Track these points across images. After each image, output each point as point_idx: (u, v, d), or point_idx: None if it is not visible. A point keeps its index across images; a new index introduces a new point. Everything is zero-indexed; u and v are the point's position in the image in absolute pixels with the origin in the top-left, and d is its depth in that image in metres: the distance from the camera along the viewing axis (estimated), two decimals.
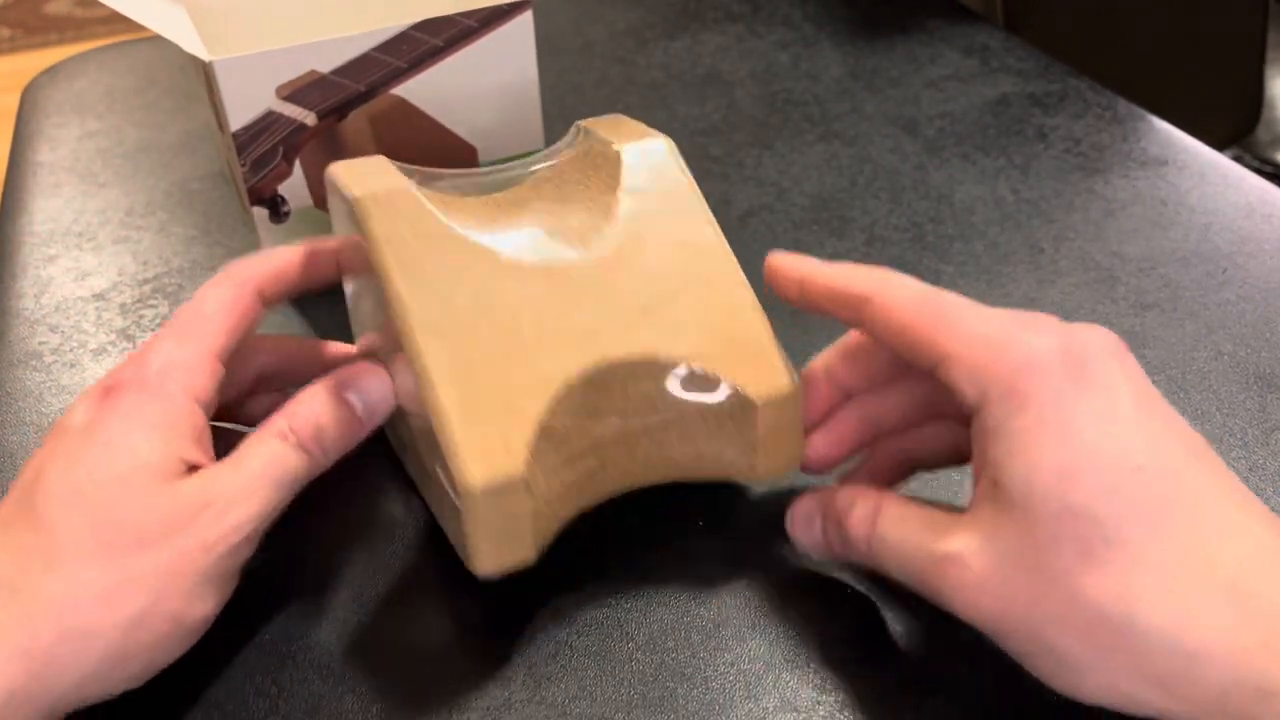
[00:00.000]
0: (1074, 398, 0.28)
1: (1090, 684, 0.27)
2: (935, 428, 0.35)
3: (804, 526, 0.34)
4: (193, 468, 0.32)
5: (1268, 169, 0.95)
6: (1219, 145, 0.59)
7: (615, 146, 0.37)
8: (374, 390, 0.34)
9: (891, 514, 0.31)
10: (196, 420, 0.32)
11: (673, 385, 0.34)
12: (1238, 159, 0.92)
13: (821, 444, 0.35)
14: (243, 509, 0.31)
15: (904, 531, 0.31)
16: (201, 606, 0.31)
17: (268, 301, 0.36)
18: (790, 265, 0.34)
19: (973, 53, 0.66)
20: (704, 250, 0.36)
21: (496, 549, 0.31)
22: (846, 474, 0.36)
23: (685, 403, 0.34)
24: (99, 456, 0.30)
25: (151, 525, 0.30)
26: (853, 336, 0.35)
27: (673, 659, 0.33)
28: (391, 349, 0.34)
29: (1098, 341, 0.29)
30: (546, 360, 0.33)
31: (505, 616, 0.34)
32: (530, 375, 0.32)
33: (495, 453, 0.31)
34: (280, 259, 0.36)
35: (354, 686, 0.33)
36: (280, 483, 0.32)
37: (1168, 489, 0.27)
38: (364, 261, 0.34)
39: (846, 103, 0.62)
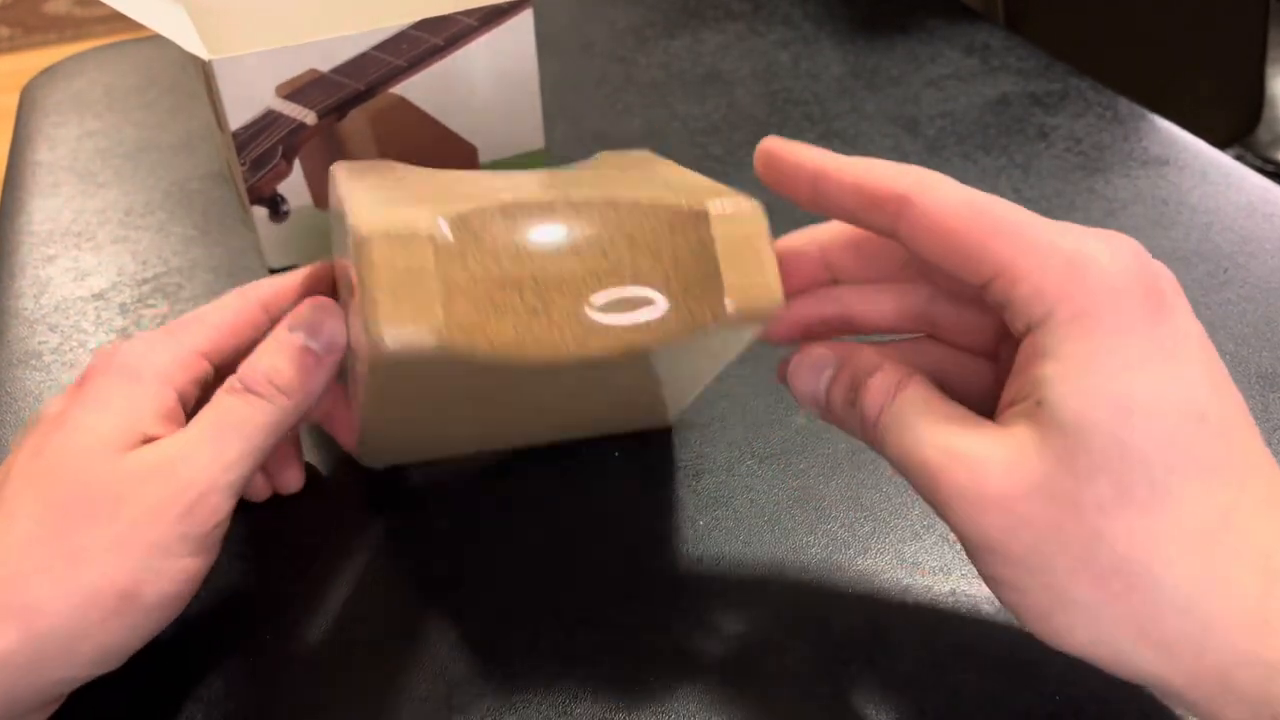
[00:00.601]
0: (1147, 331, 0.25)
1: (1083, 634, 0.25)
2: (916, 347, 0.32)
3: (809, 374, 0.31)
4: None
5: (1269, 168, 0.95)
6: (1220, 144, 0.58)
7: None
8: (322, 324, 0.32)
9: (917, 393, 0.28)
10: (165, 399, 0.31)
11: (617, 214, 0.30)
12: (1239, 158, 0.92)
13: (785, 317, 0.32)
14: (191, 466, 0.29)
15: (925, 416, 0.28)
16: (157, 582, 0.29)
17: (272, 316, 0.35)
18: (799, 153, 0.29)
19: (973, 52, 0.66)
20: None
21: (395, 305, 0.27)
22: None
23: (633, 219, 0.30)
24: (60, 439, 0.30)
25: (100, 497, 0.29)
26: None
27: (673, 659, 0.33)
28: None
29: (1169, 276, 0.27)
30: (482, 188, 0.30)
31: (505, 617, 0.34)
32: (458, 191, 0.30)
33: (398, 216, 0.28)
34: (283, 280, 0.36)
35: (354, 688, 0.33)
36: (234, 434, 0.30)
37: (1224, 446, 0.25)
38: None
39: (847, 102, 0.62)
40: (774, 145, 0.30)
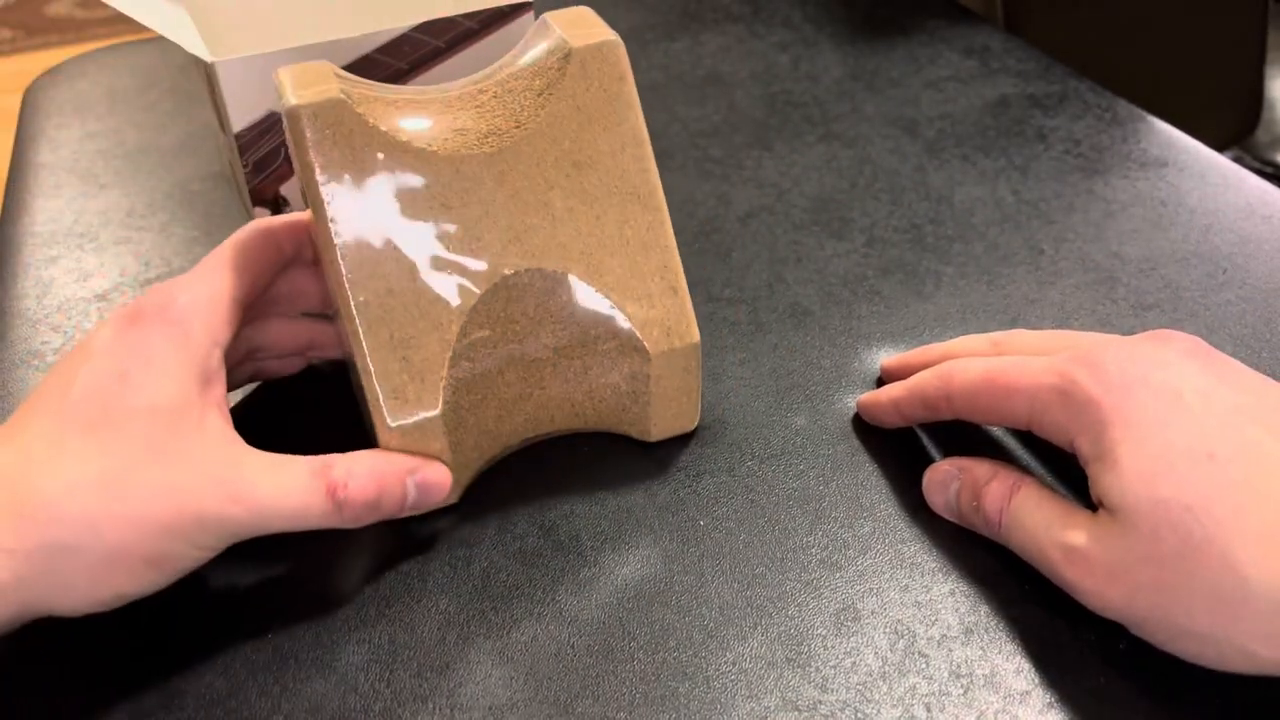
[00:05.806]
0: (1140, 408, 0.31)
1: (1217, 652, 0.29)
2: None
3: (939, 489, 0.37)
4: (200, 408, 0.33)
5: (1268, 170, 0.95)
6: (1219, 146, 0.59)
7: (569, 44, 0.37)
8: (433, 478, 0.35)
9: (1028, 496, 0.34)
10: (213, 360, 0.34)
11: (571, 302, 0.36)
12: (1238, 160, 0.92)
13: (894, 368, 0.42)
14: (261, 515, 0.32)
15: (1037, 516, 0.33)
16: (188, 554, 0.31)
17: (286, 257, 0.38)
18: (880, 399, 0.39)
19: (973, 54, 0.66)
20: (629, 171, 0.37)
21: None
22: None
23: (582, 323, 0.36)
24: (122, 386, 0.31)
25: (172, 468, 0.31)
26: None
27: (674, 658, 0.33)
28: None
29: (1128, 354, 0.32)
30: (454, 286, 0.35)
31: (507, 616, 0.35)
32: (440, 304, 0.35)
33: (411, 393, 0.34)
34: (291, 217, 0.38)
35: (356, 686, 0.33)
36: (292, 519, 0.33)
37: (1242, 471, 0.29)
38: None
39: (846, 104, 0.62)
40: (862, 405, 0.41)
